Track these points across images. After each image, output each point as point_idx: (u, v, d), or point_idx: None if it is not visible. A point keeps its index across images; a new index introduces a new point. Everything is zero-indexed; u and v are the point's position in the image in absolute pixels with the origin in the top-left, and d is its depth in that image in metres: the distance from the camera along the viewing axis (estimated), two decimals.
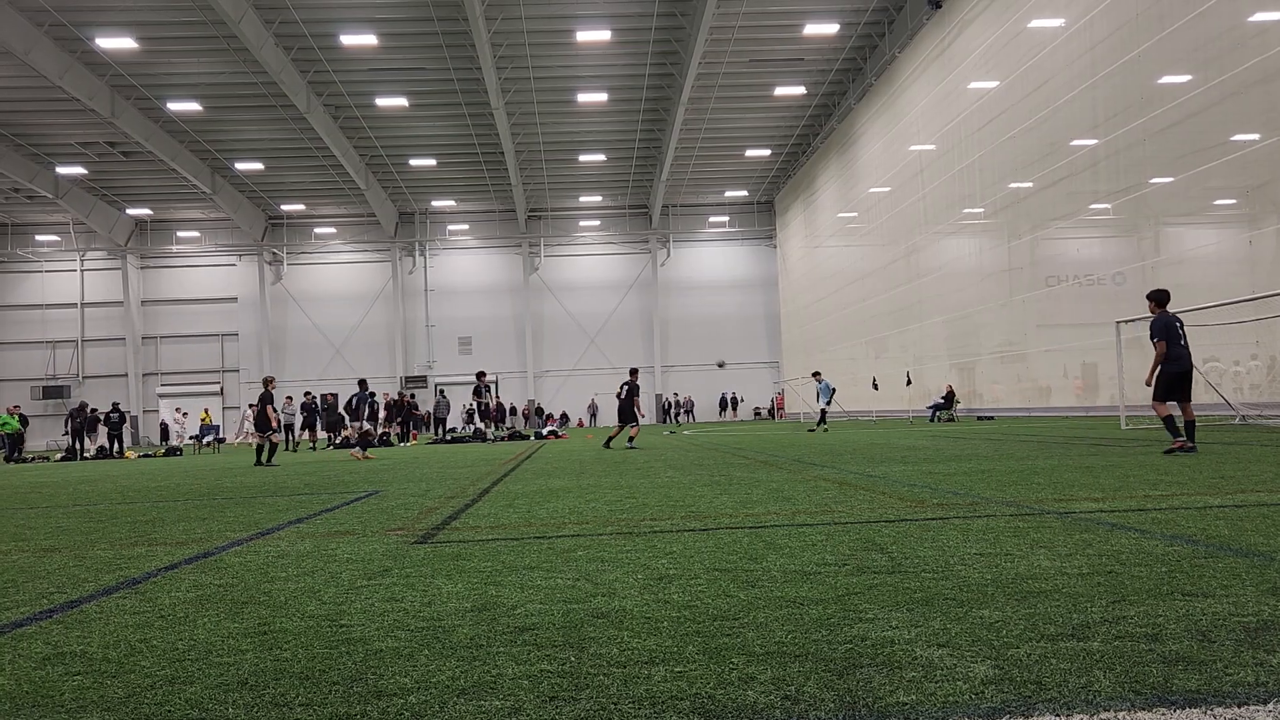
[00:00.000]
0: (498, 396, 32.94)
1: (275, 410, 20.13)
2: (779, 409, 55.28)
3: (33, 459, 31.86)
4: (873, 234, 40.27)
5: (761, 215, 57.14)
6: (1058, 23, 26.19)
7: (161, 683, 2.96)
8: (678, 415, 54.28)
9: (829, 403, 29.38)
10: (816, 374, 30.50)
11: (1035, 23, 27.13)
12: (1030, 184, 28.16)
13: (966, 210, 32.27)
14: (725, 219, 56.94)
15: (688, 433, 32.29)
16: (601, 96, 38.57)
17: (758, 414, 56.65)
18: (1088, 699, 2.45)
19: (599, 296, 55.80)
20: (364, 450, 20.31)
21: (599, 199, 54.19)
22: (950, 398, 31.81)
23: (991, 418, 30.46)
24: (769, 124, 44.17)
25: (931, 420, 31.47)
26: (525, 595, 4.13)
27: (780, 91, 39.89)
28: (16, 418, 32.85)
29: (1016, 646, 2.96)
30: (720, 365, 55.64)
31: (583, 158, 46.40)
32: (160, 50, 33.59)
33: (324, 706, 2.66)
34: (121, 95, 36.92)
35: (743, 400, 56.45)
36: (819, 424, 29.54)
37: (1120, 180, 23.96)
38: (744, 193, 55.01)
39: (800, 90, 40.03)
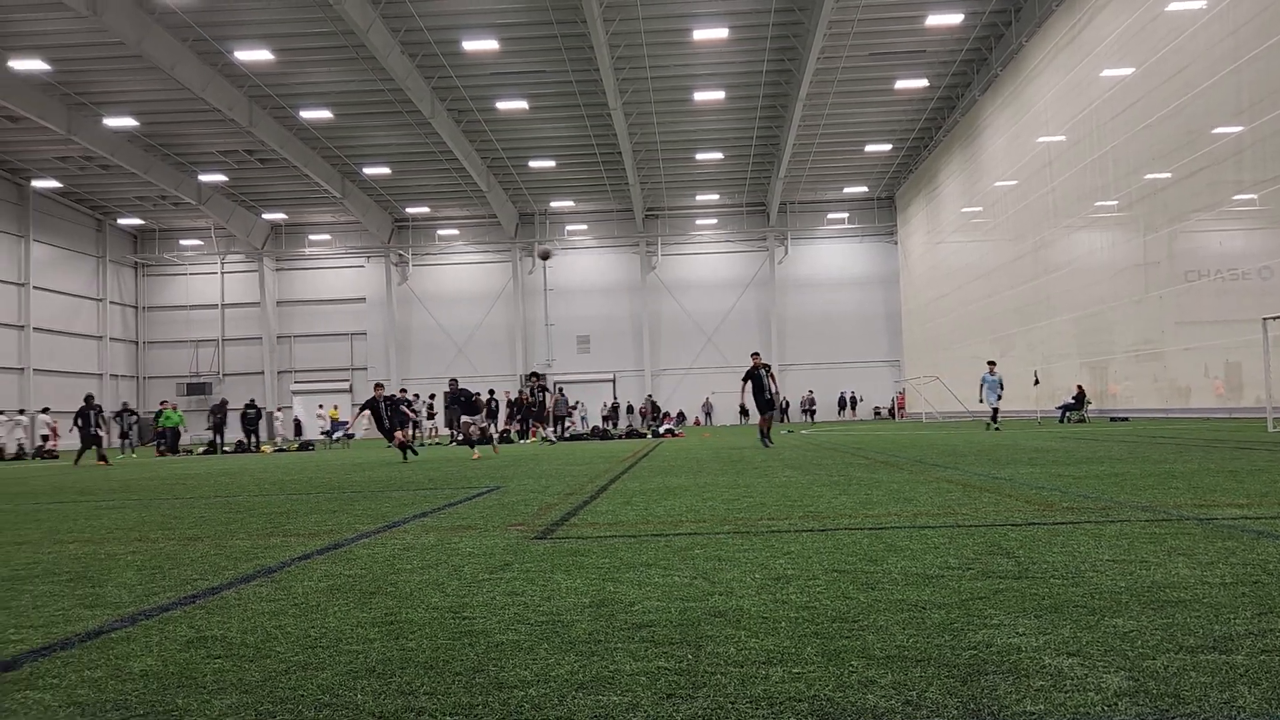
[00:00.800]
0: (556, 395, 32.85)
1: (384, 415, 19.94)
2: (900, 408, 54.12)
3: (178, 451, 33.73)
4: (998, 229, 39.02)
5: (881, 211, 56.05)
6: (1198, 5, 24.85)
7: (295, 668, 3.08)
8: (808, 413, 53.65)
9: (999, 398, 26.65)
10: (992, 364, 27.74)
11: (1173, 6, 25.82)
12: (1168, 174, 26.78)
13: (1098, 203, 30.93)
14: (844, 215, 56.08)
15: (805, 432, 31.92)
16: (718, 95, 38.49)
17: (877, 413, 55.59)
18: (1230, 715, 2.31)
19: (715, 295, 55.71)
20: (474, 445, 20.38)
21: (716, 197, 54.09)
22: (1081, 398, 30.54)
23: (1126, 419, 29.11)
24: (889, 118, 43.29)
25: (1061, 421, 30.29)
26: (643, 592, 4.14)
27: (901, 85, 39.05)
28: (179, 412, 34.68)
29: (1153, 658, 2.82)
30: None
31: (699, 156, 46.39)
32: (294, 61, 35.08)
33: (447, 696, 2.72)
34: (258, 105, 38.72)
35: (862, 399, 55.47)
36: (991, 422, 26.68)
37: (1268, 169, 22.56)
38: (863, 188, 54.06)
39: (922, 83, 39.10)
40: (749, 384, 19.23)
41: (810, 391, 54.46)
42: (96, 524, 8.06)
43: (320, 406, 48.39)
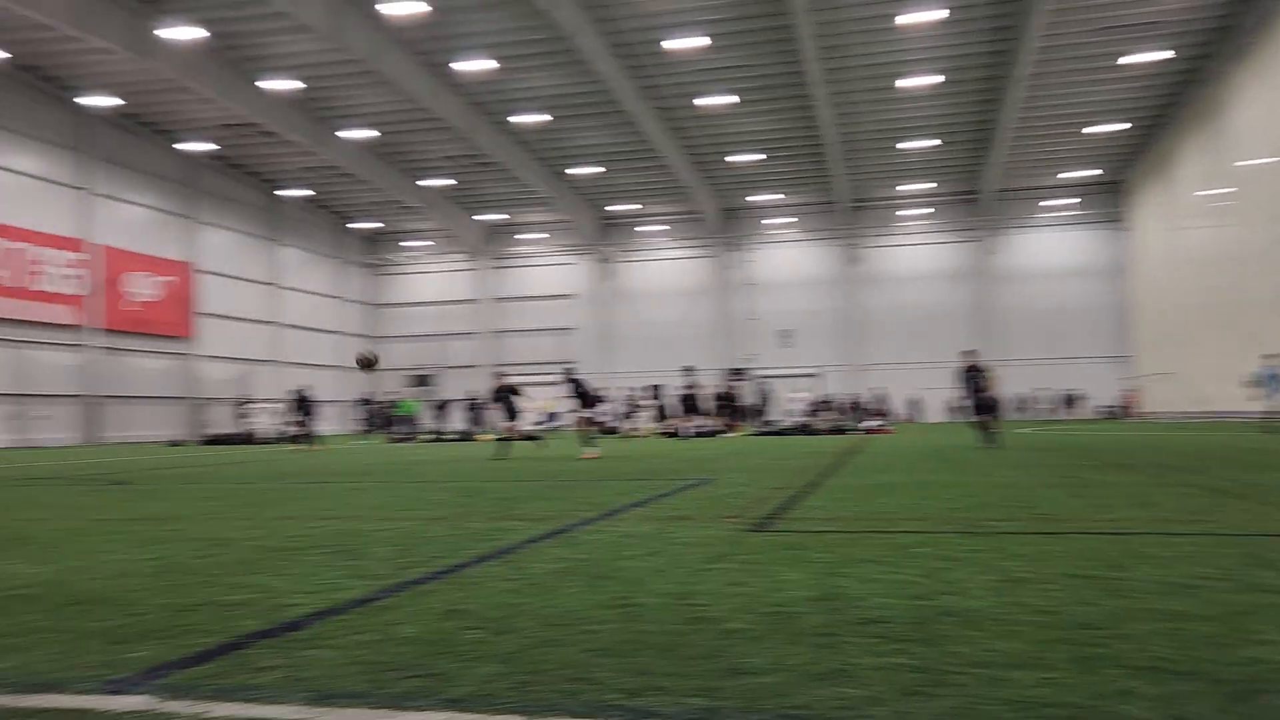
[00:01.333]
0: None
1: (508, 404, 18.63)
2: (1129, 407, 50.49)
3: (413, 438, 36.04)
4: (1250, 212, 35.63)
5: (1106, 196, 52.41)
6: None
7: (540, 643, 3.28)
8: (1024, 411, 51.07)
9: None
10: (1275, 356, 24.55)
11: None
12: None
13: None
14: (1065, 202, 52.85)
15: (1024, 431, 30.36)
16: (927, 80, 37.17)
17: (1104, 413, 52.10)
18: None
19: (923, 287, 53.86)
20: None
21: (925, 186, 52.27)
22: None
23: None
24: (1118, 96, 40.41)
25: None
26: (869, 588, 4.12)
27: (1131, 60, 36.34)
28: (414, 402, 36.97)
29: None
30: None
31: (907, 145, 44.99)
32: (511, 69, 36.67)
33: (686, 679, 2.82)
34: (478, 112, 40.76)
35: (1085, 398, 52.14)
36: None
37: None
38: (1087, 173, 50.72)
39: (1157, 57, 36.24)
40: (964, 384, 18.15)
41: (1030, 389, 51.70)
42: (348, 503, 8.78)
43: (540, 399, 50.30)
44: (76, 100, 38.45)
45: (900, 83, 37.40)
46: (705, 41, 33.69)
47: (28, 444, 35.57)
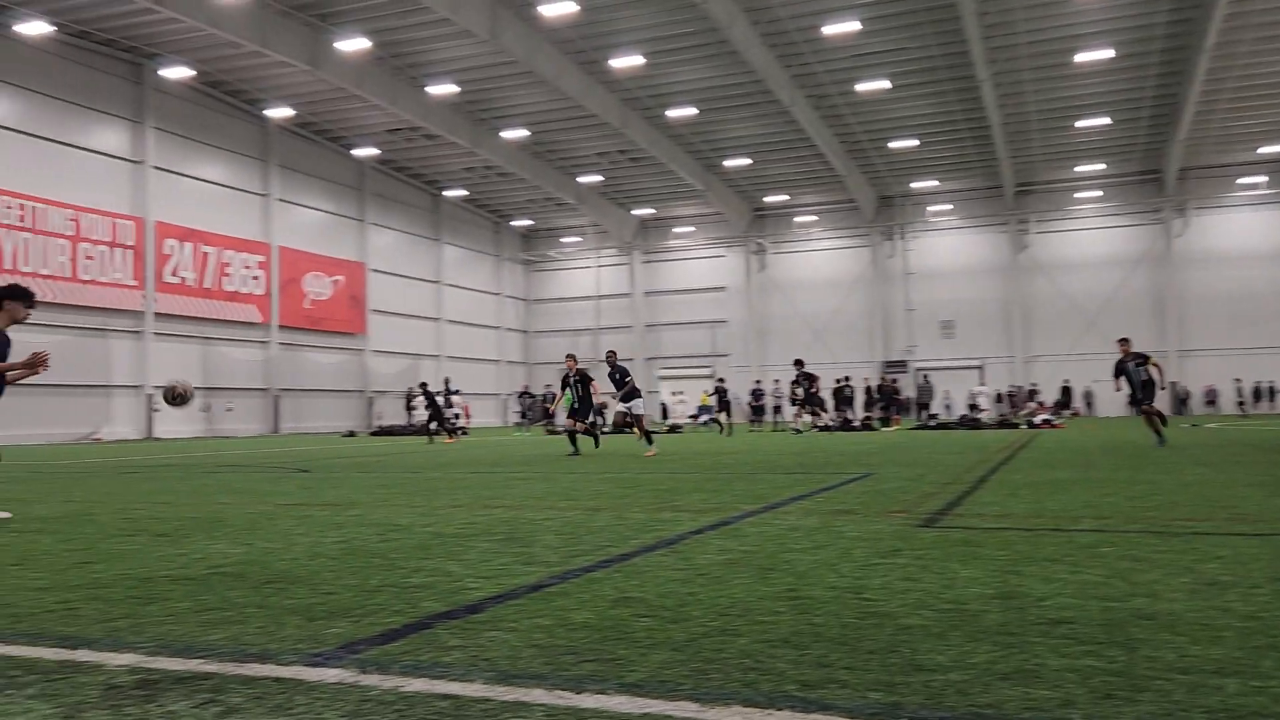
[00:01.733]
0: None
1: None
2: None
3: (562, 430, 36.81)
4: None
5: None
6: None
7: (714, 632, 3.29)
8: (1212, 404, 47.85)
9: None
10: None
11: None
12: None
13: None
14: (1262, 179, 48.95)
15: (1211, 426, 28.43)
16: (1104, 54, 35.13)
17: None
18: None
19: (1097, 274, 50.96)
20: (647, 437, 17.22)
21: (1099, 167, 49.45)
22: None
23: None
24: None
25: None
26: (1052, 588, 3.95)
27: None
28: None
29: None
30: None
31: (1080, 123, 42.67)
32: (662, 63, 36.87)
33: (865, 672, 2.78)
34: (630, 107, 41.18)
35: None
36: None
37: None
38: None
39: None
40: (1121, 378, 16.38)
41: (1218, 382, 48.28)
42: (511, 492, 9.05)
43: (675, 393, 50.67)
44: (260, 113, 41.04)
45: (1076, 57, 35.46)
46: (856, 26, 32.92)
47: (217, 434, 38.27)
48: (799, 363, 28.79)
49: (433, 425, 27.12)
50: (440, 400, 27.89)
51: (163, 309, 36.98)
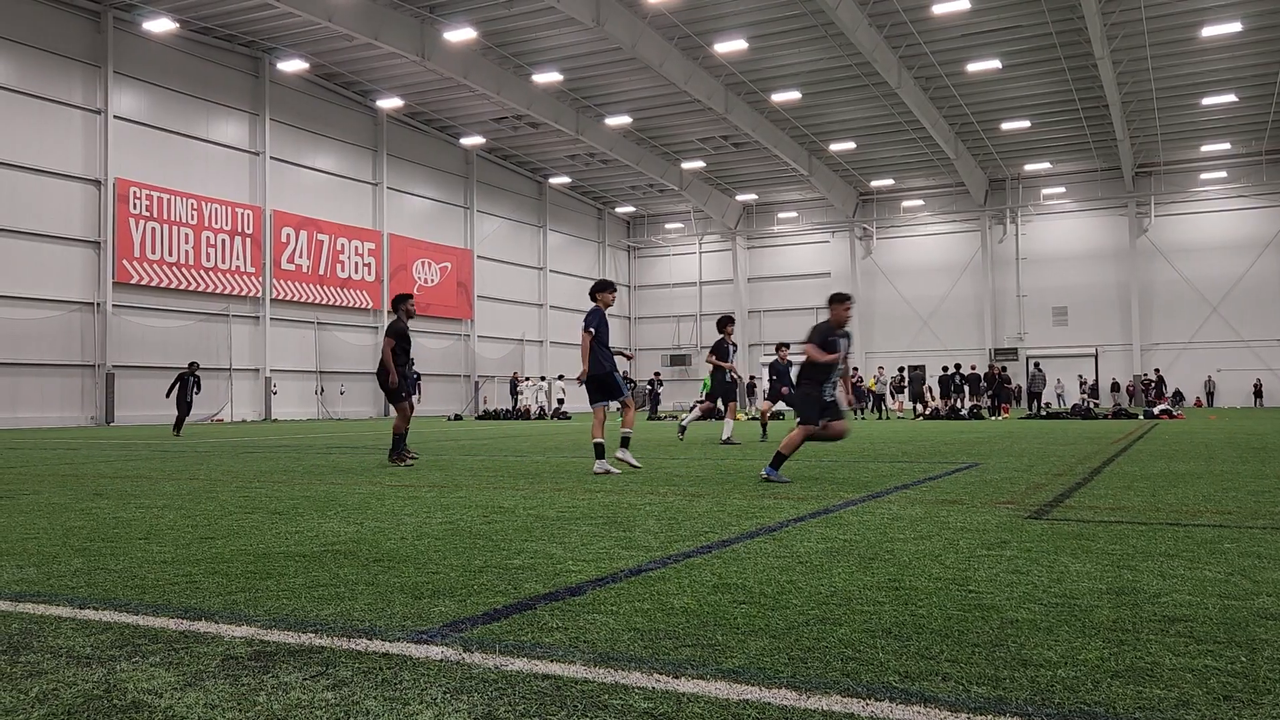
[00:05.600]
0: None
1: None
2: None
3: (664, 417, 36.97)
4: None
5: None
6: None
7: (813, 621, 3.27)
8: None
9: None
10: None
11: None
12: None
13: None
14: None
15: None
16: (1230, 28, 33.31)
17: None
18: None
19: (1223, 258, 48.45)
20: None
21: (1226, 146, 46.97)
22: None
23: None
24: None
25: None
26: (1168, 584, 3.80)
27: None
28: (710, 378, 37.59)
29: None
30: None
31: (1206, 101, 40.59)
32: (766, 47, 36.49)
33: (969, 665, 2.72)
34: (733, 92, 40.89)
35: None
36: None
37: None
38: None
39: None
40: None
41: None
42: (612, 478, 9.12)
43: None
44: (371, 104, 42.21)
45: (1202, 31, 33.71)
46: (966, 5, 31.94)
47: (331, 416, 39.63)
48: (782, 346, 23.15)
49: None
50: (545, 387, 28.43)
51: (279, 295, 38.45)
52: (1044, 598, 3.57)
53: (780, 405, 20.84)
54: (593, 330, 9.41)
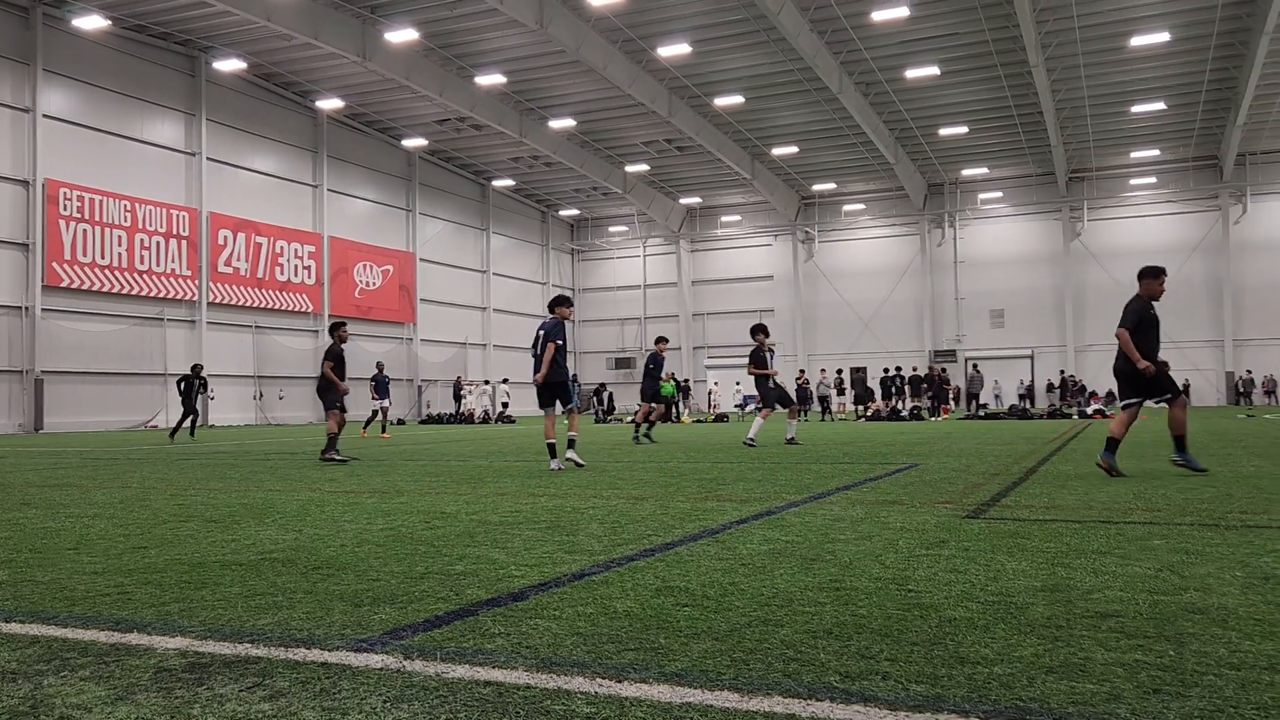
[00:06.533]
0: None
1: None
2: None
3: (609, 420, 36.97)
4: None
5: None
6: None
7: (756, 622, 3.29)
8: (1271, 395, 46.70)
9: None
10: None
11: None
12: None
13: None
14: None
15: (1269, 417, 27.75)
16: (1160, 37, 34.29)
17: None
18: None
19: (1154, 260, 48.88)
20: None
21: (1155, 153, 48.34)
22: None
23: None
24: None
25: None
26: (1100, 580, 3.89)
27: None
28: (672, 383, 37.46)
29: None
30: None
31: (1135, 109, 41.74)
32: (709, 51, 36.68)
33: (908, 664, 2.76)
34: (676, 95, 41.03)
35: None
36: None
37: None
38: None
39: None
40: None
41: (1249, 371, 47.10)
42: (557, 482, 9.10)
43: (715, 383, 50.56)
44: (311, 104, 41.59)
45: (1132, 41, 34.63)
46: (906, 12, 32.46)
47: (270, 421, 38.93)
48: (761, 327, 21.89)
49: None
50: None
51: (216, 298, 37.67)
52: (981, 596, 3.64)
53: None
54: (559, 341, 10.27)
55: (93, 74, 33.74)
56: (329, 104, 41.33)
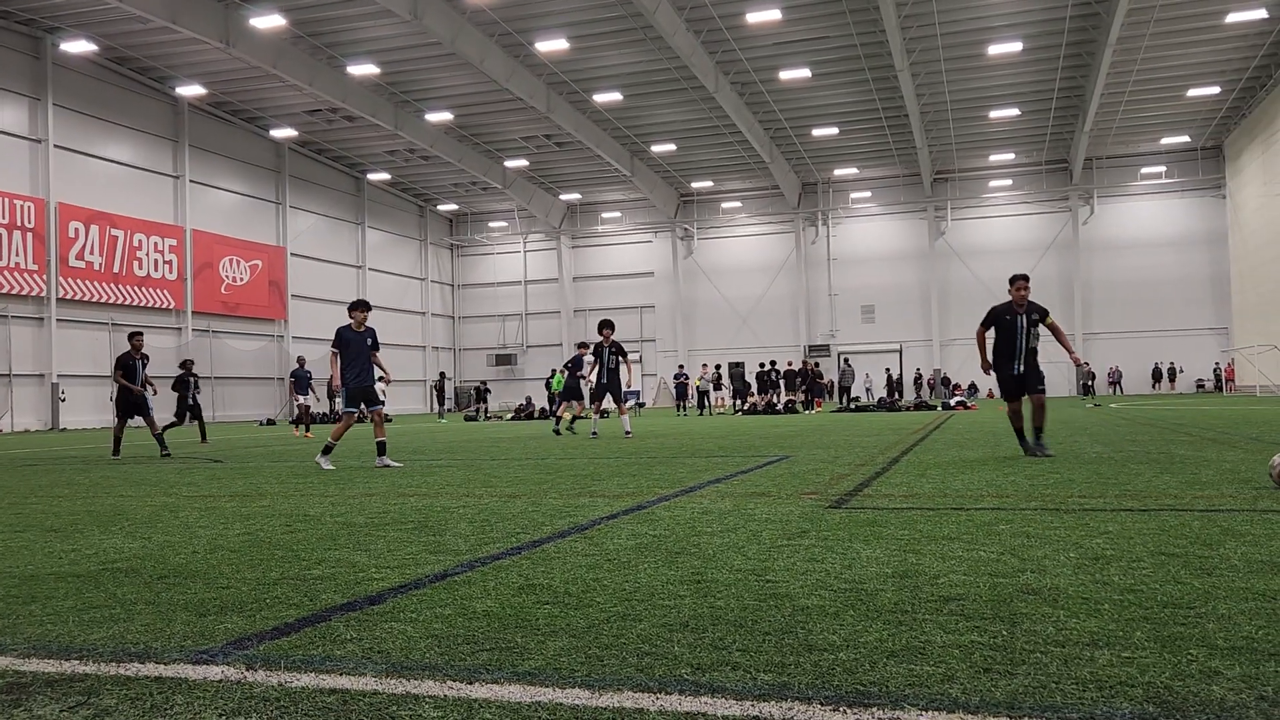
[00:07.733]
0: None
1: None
2: (1228, 380, 48.57)
3: (490, 418, 36.60)
4: None
5: (1206, 163, 50.19)
6: None
7: (615, 618, 3.30)
8: (1116, 385, 49.58)
9: None
10: None
11: None
12: None
13: None
14: (1160, 169, 50.76)
15: (1114, 406, 29.49)
16: (1014, 47, 36.00)
17: (1200, 386, 50.22)
18: None
19: (1011, 260, 52.08)
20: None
21: (1011, 156, 50.78)
22: None
23: None
24: (1217, 58, 38.59)
25: None
26: (947, 565, 4.05)
27: (1232, 19, 34.64)
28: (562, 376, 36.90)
29: None
30: None
31: (993, 114, 43.72)
32: (587, 47, 36.67)
33: (759, 654, 2.81)
34: (555, 91, 40.86)
35: (1182, 371, 50.30)
36: None
37: None
38: (1184, 139, 48.62)
39: (1259, 15, 34.48)
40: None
41: (1123, 364, 50.11)
42: (429, 480, 8.95)
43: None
44: (171, 91, 39.73)
45: (990, 49, 36.22)
46: (778, 15, 33.14)
47: (129, 424, 36.99)
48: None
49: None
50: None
51: (67, 294, 35.62)
52: (835, 584, 3.74)
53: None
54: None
55: None
56: (190, 91, 39.59)
